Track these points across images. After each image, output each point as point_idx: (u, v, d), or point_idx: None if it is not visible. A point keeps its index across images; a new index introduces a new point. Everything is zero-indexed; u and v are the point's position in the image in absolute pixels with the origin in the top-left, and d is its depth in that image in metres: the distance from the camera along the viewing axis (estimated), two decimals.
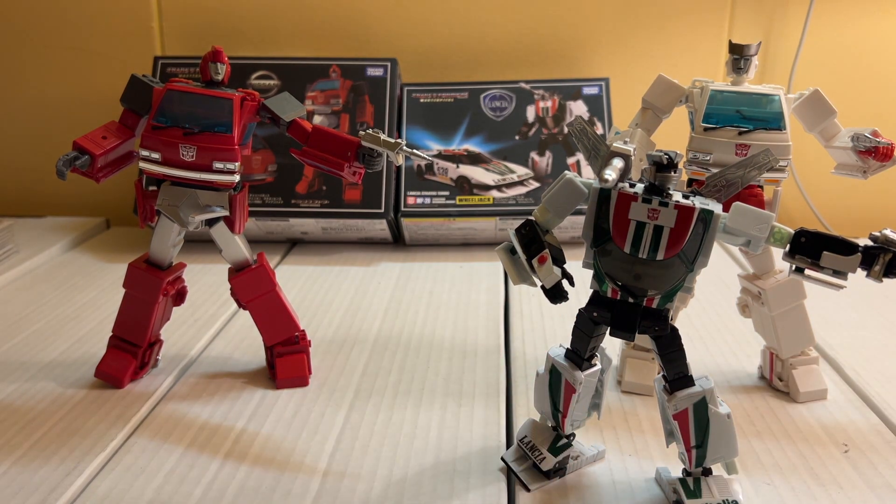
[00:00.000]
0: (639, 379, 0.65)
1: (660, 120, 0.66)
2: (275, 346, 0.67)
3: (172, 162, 0.60)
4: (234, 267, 0.66)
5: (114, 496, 0.51)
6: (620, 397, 0.64)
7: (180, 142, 0.60)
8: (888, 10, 1.11)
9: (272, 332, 0.67)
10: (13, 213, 1.20)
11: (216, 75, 0.62)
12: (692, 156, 0.62)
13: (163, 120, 0.60)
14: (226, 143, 0.60)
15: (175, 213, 0.62)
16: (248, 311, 0.67)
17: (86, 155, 0.59)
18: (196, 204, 0.62)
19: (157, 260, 0.65)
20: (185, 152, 0.60)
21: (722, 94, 0.62)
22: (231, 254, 0.66)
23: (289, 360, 0.66)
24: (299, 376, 0.66)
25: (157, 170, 0.61)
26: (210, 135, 0.60)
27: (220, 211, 0.63)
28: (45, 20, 1.16)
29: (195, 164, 0.60)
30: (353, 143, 0.61)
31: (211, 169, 0.60)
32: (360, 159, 0.62)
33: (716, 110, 0.61)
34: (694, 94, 0.64)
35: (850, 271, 0.45)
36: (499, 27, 1.15)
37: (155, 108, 0.61)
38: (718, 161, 0.60)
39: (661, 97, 0.65)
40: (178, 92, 0.61)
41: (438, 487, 0.52)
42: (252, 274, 0.66)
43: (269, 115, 0.63)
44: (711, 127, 0.61)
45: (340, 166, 0.62)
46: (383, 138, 0.60)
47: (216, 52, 0.61)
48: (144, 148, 0.60)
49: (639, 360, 0.65)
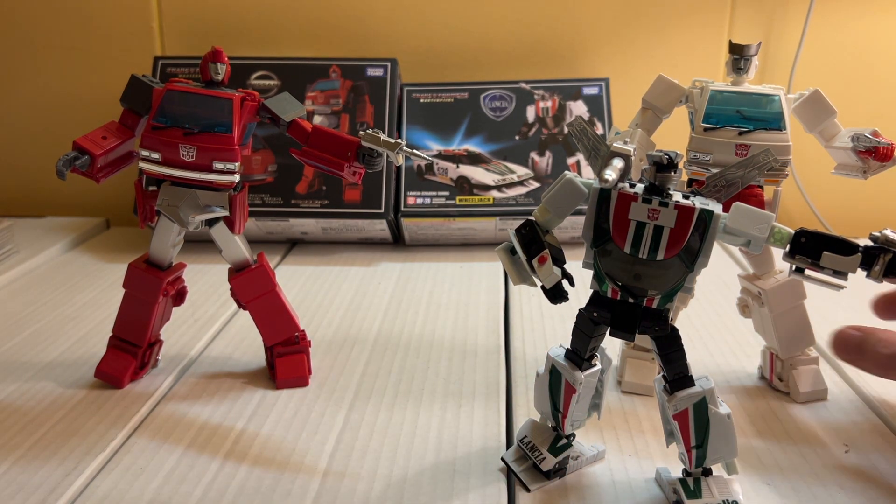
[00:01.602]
0: (639, 379, 0.65)
1: (660, 120, 0.65)
2: (275, 346, 0.67)
3: (172, 162, 0.60)
4: (234, 267, 0.66)
5: (114, 496, 0.51)
6: (620, 397, 0.64)
7: (180, 142, 0.60)
8: (888, 10, 1.11)
9: (272, 333, 0.67)
10: (13, 213, 1.20)
11: (216, 75, 0.61)
12: (692, 156, 0.62)
13: (163, 120, 0.60)
14: (226, 143, 0.60)
15: (175, 214, 0.61)
16: (247, 311, 0.67)
17: (86, 155, 0.59)
18: (196, 204, 0.62)
19: (157, 260, 0.65)
20: (184, 152, 0.60)
21: (722, 95, 0.62)
22: (231, 254, 0.66)
23: (289, 360, 0.66)
24: (299, 376, 0.66)
25: (156, 170, 0.60)
26: (210, 135, 0.60)
27: (220, 211, 0.63)
28: (45, 20, 1.16)
29: (195, 164, 0.60)
30: (352, 144, 0.61)
31: (211, 169, 0.60)
32: (360, 159, 0.62)
33: (716, 110, 0.61)
34: (694, 94, 0.64)
35: (851, 271, 0.45)
36: (499, 27, 1.15)
37: (155, 108, 0.60)
38: (718, 161, 0.60)
39: (661, 97, 0.64)
40: (178, 92, 0.61)
41: (438, 487, 0.52)
42: (252, 274, 0.66)
43: (269, 116, 0.62)
44: (711, 127, 0.61)
45: (340, 166, 0.62)
46: (383, 138, 0.60)
47: (216, 53, 0.61)
48: (144, 148, 0.60)
49: (639, 360, 0.65)
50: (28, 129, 1.21)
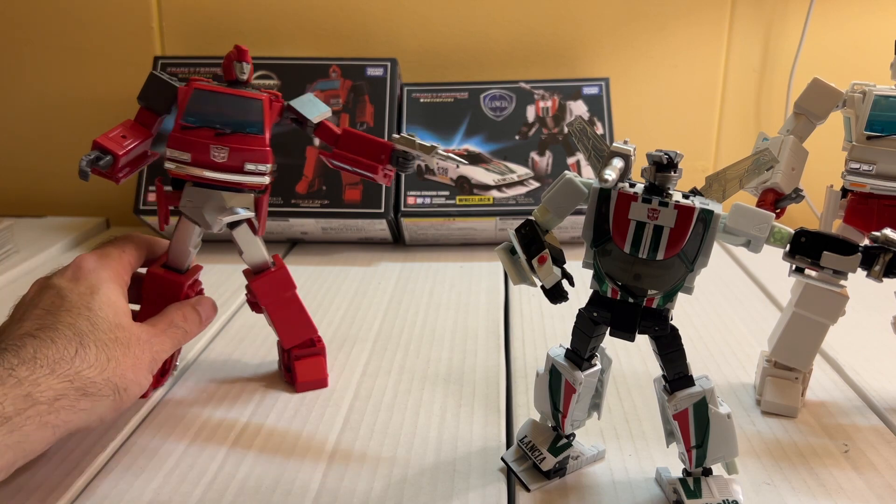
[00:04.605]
0: (781, 399, 0.61)
1: (814, 126, 0.62)
2: (292, 349, 0.66)
3: (202, 163, 0.58)
4: (253, 269, 0.65)
5: (114, 496, 0.51)
6: (620, 397, 0.64)
7: (212, 142, 0.58)
8: (888, 10, 1.11)
9: (291, 335, 0.65)
10: (13, 213, 1.20)
11: (241, 75, 0.60)
12: (853, 166, 0.58)
13: (192, 120, 0.58)
14: (258, 144, 0.59)
15: (200, 216, 0.60)
16: (263, 313, 0.66)
17: (108, 155, 0.57)
18: (221, 206, 0.60)
19: (176, 263, 0.63)
20: (216, 153, 0.58)
21: (888, 100, 0.57)
22: (252, 256, 0.64)
23: (307, 362, 0.65)
24: (319, 378, 0.65)
25: (185, 171, 0.58)
26: (242, 136, 0.58)
27: (246, 213, 0.61)
28: (44, 20, 1.16)
29: (226, 165, 0.58)
30: (386, 147, 0.61)
31: (242, 170, 0.59)
32: (394, 162, 0.61)
33: (880, 116, 0.57)
34: (855, 98, 0.59)
35: (850, 271, 0.45)
36: (499, 27, 1.15)
37: (182, 107, 0.58)
38: (883, 171, 0.56)
39: (816, 102, 0.60)
40: (207, 91, 0.59)
41: (438, 487, 0.52)
42: (273, 276, 0.64)
43: (294, 117, 0.61)
44: (875, 135, 0.57)
45: (375, 169, 0.61)
46: (418, 142, 0.60)
47: (241, 52, 0.59)
48: (173, 148, 0.58)
49: (781, 378, 0.62)
50: (28, 129, 1.21)
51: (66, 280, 0.54)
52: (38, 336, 0.48)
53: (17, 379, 0.45)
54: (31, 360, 0.46)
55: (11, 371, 0.45)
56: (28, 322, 0.50)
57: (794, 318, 0.62)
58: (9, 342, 0.48)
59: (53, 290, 0.53)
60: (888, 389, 0.66)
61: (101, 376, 0.49)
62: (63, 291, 0.53)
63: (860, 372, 0.69)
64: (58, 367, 0.47)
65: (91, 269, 0.55)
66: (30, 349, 0.47)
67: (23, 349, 0.47)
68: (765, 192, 0.60)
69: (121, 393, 0.50)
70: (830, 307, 0.61)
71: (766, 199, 0.60)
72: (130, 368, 0.51)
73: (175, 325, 0.58)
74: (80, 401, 0.47)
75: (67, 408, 0.46)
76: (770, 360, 0.64)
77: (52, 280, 0.55)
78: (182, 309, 0.60)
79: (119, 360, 0.51)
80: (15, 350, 0.47)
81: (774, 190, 0.60)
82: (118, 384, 0.50)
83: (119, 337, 0.52)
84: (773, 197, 0.60)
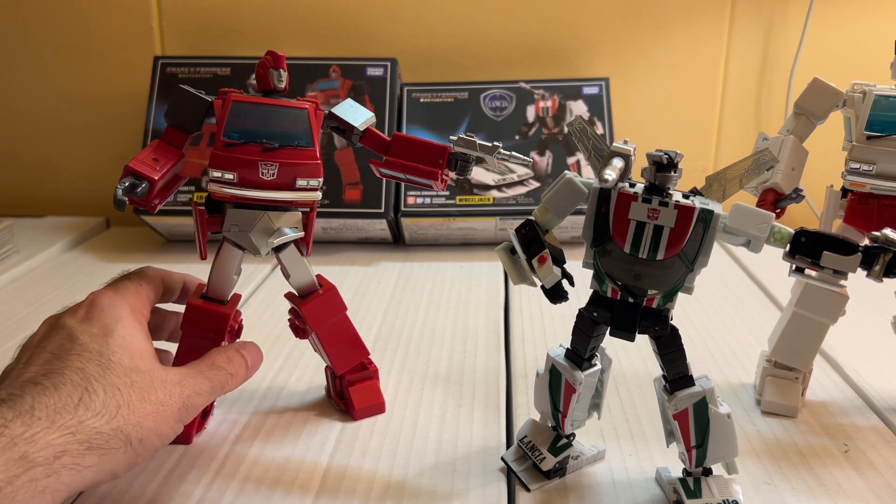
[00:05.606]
0: (781, 399, 0.61)
1: (814, 126, 0.62)
2: (344, 374, 0.61)
3: (250, 182, 0.52)
4: (300, 292, 0.59)
5: (114, 496, 0.51)
6: (621, 397, 0.64)
7: (260, 159, 0.52)
8: (888, 10, 1.11)
9: (343, 360, 0.61)
10: (13, 213, 1.20)
11: (279, 83, 0.55)
12: (853, 166, 0.58)
13: (235, 136, 0.53)
14: (309, 157, 0.53)
15: (247, 240, 0.54)
16: (310, 338, 0.61)
17: (143, 182, 0.52)
18: (269, 228, 0.54)
19: (218, 293, 0.57)
20: (265, 170, 0.52)
21: (887, 100, 0.57)
22: (299, 278, 0.58)
23: (362, 387, 0.61)
24: (376, 403, 0.61)
25: (230, 192, 0.52)
26: (291, 149, 0.53)
27: (296, 234, 0.55)
28: (45, 20, 1.16)
29: (276, 182, 0.53)
30: (443, 150, 0.56)
31: (293, 187, 0.53)
32: (453, 166, 0.56)
33: (880, 116, 0.57)
34: (855, 98, 0.59)
35: (851, 271, 0.45)
36: (499, 27, 1.15)
37: (222, 122, 0.53)
38: (884, 171, 0.56)
39: (816, 102, 0.60)
40: (247, 103, 0.53)
41: (438, 487, 0.52)
42: (324, 298, 0.59)
43: (336, 125, 0.57)
44: (875, 135, 0.57)
45: (435, 175, 0.56)
46: (479, 143, 0.55)
47: (278, 58, 0.54)
48: (216, 168, 0.52)
49: (781, 378, 0.62)
50: (28, 128, 1.21)
51: (77, 320, 0.49)
52: (41, 383, 0.43)
53: (9, 438, 0.39)
54: (27, 413, 0.41)
55: (4, 428, 0.40)
56: (33, 367, 0.45)
57: (794, 318, 0.62)
58: (8, 391, 0.43)
59: (64, 330, 0.48)
60: (888, 389, 0.66)
61: (108, 426, 0.43)
62: (74, 333, 0.47)
63: (860, 372, 0.69)
64: (58, 418, 0.41)
65: (106, 307, 0.50)
66: (28, 399, 0.42)
67: (20, 400, 0.42)
68: (765, 192, 0.60)
69: (134, 444, 0.44)
70: (830, 307, 0.61)
71: (766, 199, 0.60)
72: (150, 416, 0.45)
73: (217, 366, 0.52)
74: (84, 456, 0.41)
75: (70, 467, 0.41)
76: (770, 360, 0.64)
77: (62, 320, 0.49)
78: (226, 352, 0.54)
79: (134, 407, 0.45)
80: (12, 401, 0.41)
81: (774, 190, 0.60)
82: (131, 434, 0.44)
83: (136, 381, 0.46)
84: (773, 197, 0.60)
